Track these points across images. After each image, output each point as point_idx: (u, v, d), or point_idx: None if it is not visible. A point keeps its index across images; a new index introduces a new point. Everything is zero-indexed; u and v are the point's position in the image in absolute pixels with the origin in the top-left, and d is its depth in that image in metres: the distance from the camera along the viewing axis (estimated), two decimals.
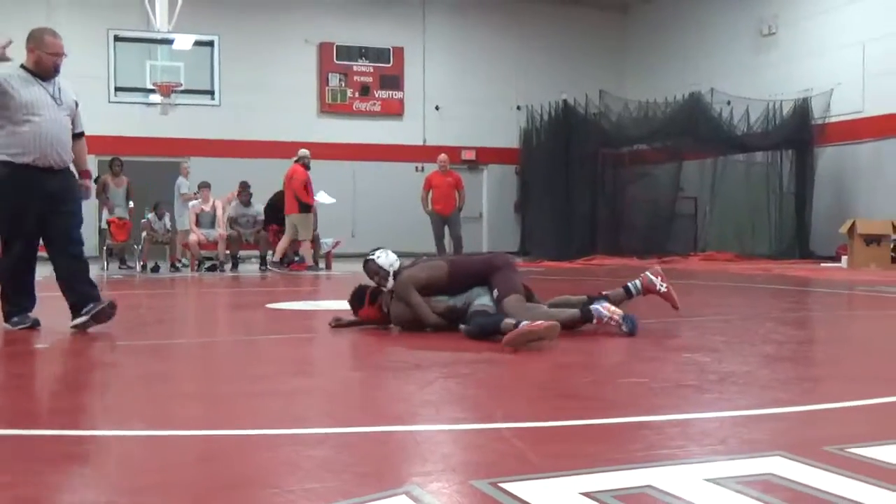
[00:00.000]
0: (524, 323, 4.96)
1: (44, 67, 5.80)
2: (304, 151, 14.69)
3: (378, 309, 5.86)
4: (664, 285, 5.77)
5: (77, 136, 6.06)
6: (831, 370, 4.64)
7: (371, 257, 5.95)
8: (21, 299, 5.86)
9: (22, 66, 5.82)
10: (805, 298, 9.41)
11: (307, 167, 14.53)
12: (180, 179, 15.20)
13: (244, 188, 15.03)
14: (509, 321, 5.13)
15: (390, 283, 5.85)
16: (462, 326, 5.38)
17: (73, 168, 6.05)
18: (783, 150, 17.09)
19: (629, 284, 5.75)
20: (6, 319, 5.85)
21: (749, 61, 18.41)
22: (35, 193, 5.70)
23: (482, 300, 5.55)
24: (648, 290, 5.77)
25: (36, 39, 5.82)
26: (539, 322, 4.93)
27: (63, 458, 2.77)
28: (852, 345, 5.78)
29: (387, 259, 5.90)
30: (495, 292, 5.55)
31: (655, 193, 18.64)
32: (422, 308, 5.64)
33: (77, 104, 6.03)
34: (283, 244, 14.29)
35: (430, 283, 5.74)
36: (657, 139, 17.95)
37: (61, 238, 5.85)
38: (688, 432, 3.03)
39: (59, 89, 5.86)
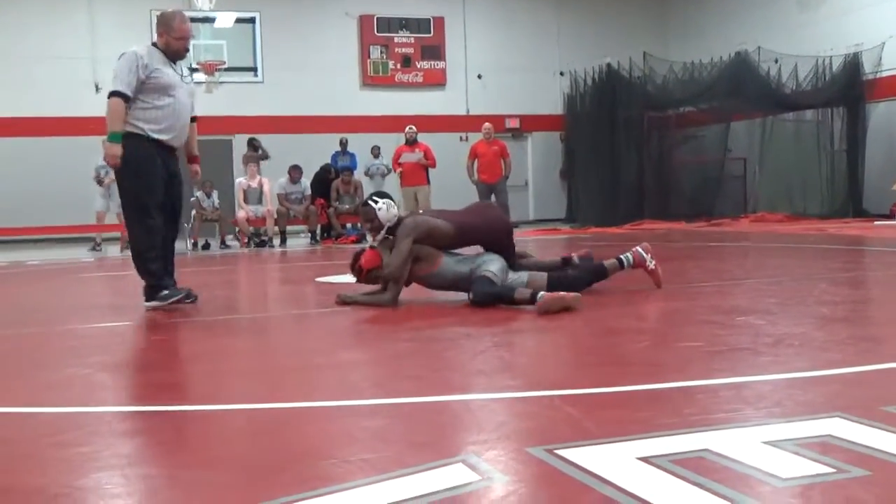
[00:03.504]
0: (542, 294, 5.07)
1: (173, 50, 5.97)
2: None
3: (377, 255, 5.74)
4: (653, 262, 5.84)
5: (192, 119, 6.25)
6: (888, 330, 4.57)
7: (372, 205, 5.84)
8: (163, 271, 5.92)
9: (154, 45, 5.97)
10: (859, 258, 9.26)
11: (405, 141, 15.03)
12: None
13: (295, 170, 15.19)
14: (524, 291, 5.24)
15: (380, 236, 5.81)
16: (469, 295, 5.39)
17: None
18: (833, 107, 16.75)
19: (622, 257, 5.79)
20: (153, 295, 5.86)
21: (796, 17, 18.03)
22: (163, 171, 5.90)
23: (489, 266, 5.51)
24: (639, 264, 5.81)
25: (165, 24, 5.96)
26: (567, 294, 5.04)
27: (123, 433, 2.84)
28: None
29: (387, 213, 5.80)
30: (525, 274, 5.61)
31: (703, 155, 18.42)
32: (401, 258, 5.57)
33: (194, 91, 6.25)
34: None
35: (433, 235, 5.69)
36: (704, 100, 17.69)
37: (166, 221, 6.01)
38: (743, 395, 3.01)
39: (186, 72, 6.13)
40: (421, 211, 6.38)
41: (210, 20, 18.40)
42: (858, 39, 16.38)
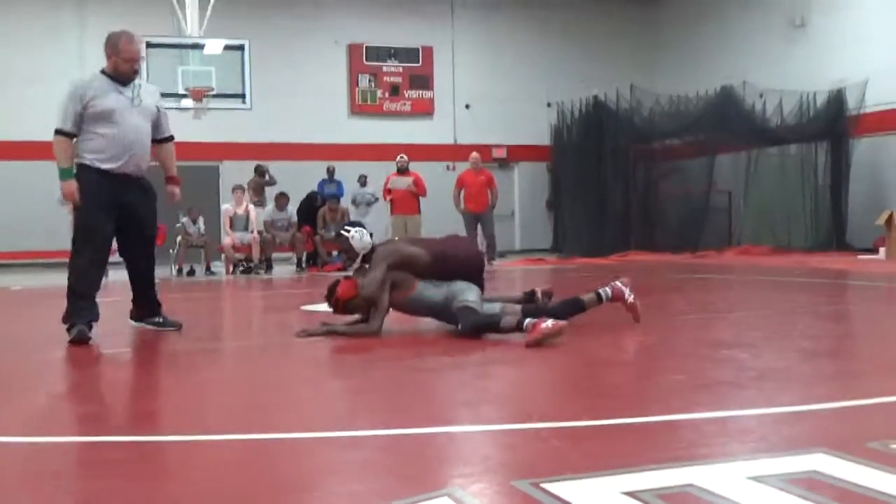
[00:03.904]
0: (529, 320, 5.02)
1: (121, 73, 5.72)
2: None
3: (354, 285, 5.70)
4: (632, 296, 5.69)
5: (164, 140, 6.04)
6: (872, 365, 4.59)
7: (345, 234, 5.93)
8: (82, 305, 5.64)
9: (102, 71, 5.77)
10: (843, 292, 9.31)
11: (397, 169, 15.13)
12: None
13: (282, 197, 15.21)
14: (511, 319, 5.21)
15: (356, 265, 5.86)
16: (458, 326, 5.37)
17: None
18: (818, 141, 16.89)
19: (600, 291, 5.65)
20: (67, 324, 5.64)
21: (781, 53, 18.22)
22: (112, 201, 5.67)
23: (466, 296, 5.49)
24: (617, 298, 5.66)
25: (112, 45, 5.73)
26: (556, 323, 4.96)
27: (103, 464, 2.81)
28: (893, 339, 5.71)
29: (361, 242, 5.86)
30: (499, 305, 5.58)
31: (688, 188, 18.52)
32: (377, 281, 5.53)
33: (160, 108, 5.96)
34: None
35: (408, 263, 5.66)
36: (689, 133, 17.81)
37: (134, 250, 5.92)
38: (728, 430, 3.02)
39: (139, 94, 5.79)
40: (396, 238, 6.36)
41: (199, 47, 18.42)
42: (842, 75, 16.55)
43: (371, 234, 6.08)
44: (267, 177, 16.21)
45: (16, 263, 16.75)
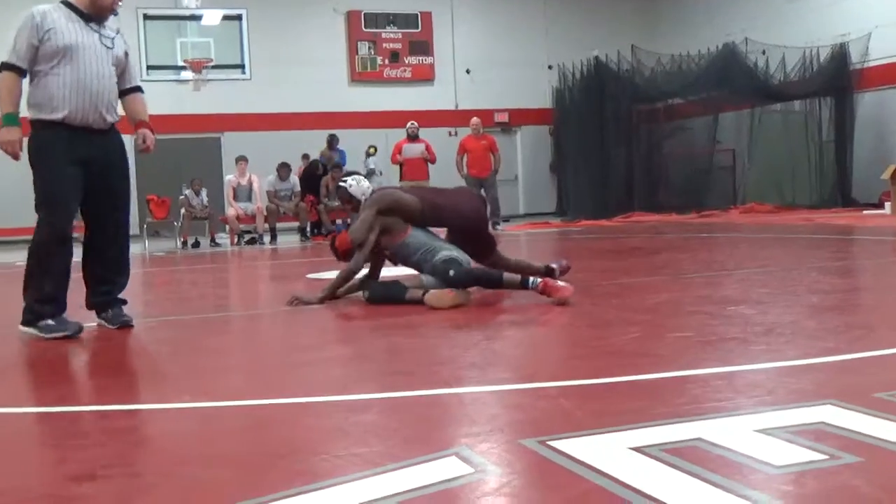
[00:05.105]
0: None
1: (99, 7, 4.79)
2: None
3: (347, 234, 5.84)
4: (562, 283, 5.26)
5: (131, 90, 5.11)
6: (878, 318, 4.58)
7: (343, 185, 6.13)
8: (49, 290, 4.71)
9: (64, 2, 4.81)
10: (849, 247, 9.28)
11: (407, 136, 15.21)
12: None
13: (284, 167, 15.19)
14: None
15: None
16: (451, 273, 5.33)
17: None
18: (821, 97, 16.77)
19: (528, 281, 5.23)
20: (32, 321, 4.71)
21: (783, 8, 18.04)
22: (69, 159, 4.69)
23: (453, 253, 5.51)
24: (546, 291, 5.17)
25: None
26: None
27: (113, 432, 2.82)
28: None
29: (359, 188, 6.06)
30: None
31: (692, 147, 18.43)
32: (363, 225, 5.65)
33: (128, 55, 5.01)
34: None
35: (399, 207, 5.70)
36: (692, 92, 17.69)
37: (99, 219, 4.94)
38: (735, 384, 3.01)
39: (112, 35, 4.88)
40: (400, 186, 6.52)
41: (197, 18, 18.34)
42: (845, 30, 16.40)
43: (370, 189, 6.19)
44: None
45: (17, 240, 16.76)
